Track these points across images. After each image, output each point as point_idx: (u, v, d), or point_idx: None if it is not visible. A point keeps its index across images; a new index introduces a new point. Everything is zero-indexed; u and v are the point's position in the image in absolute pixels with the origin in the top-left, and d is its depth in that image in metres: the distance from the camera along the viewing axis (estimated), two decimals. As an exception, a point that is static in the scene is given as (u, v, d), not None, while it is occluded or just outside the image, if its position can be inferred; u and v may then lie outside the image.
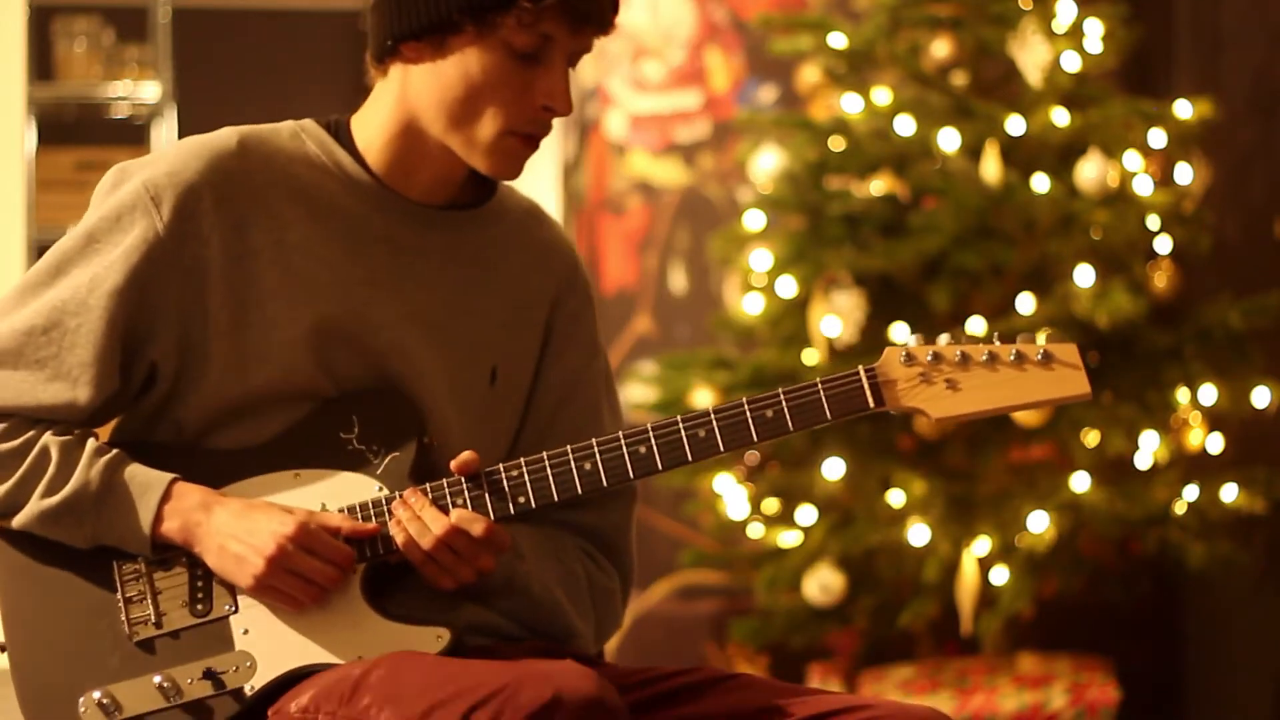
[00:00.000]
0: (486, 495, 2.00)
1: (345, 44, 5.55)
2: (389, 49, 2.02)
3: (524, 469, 1.99)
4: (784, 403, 2.00)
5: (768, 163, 4.43)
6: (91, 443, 2.03)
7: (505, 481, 2.00)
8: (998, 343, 2.00)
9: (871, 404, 1.98)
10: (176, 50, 5.30)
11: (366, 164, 2.08)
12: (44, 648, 2.04)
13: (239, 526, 1.98)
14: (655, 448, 1.99)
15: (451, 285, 2.10)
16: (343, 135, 2.09)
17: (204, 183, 2.01)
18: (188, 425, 2.05)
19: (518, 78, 1.99)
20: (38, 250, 5.04)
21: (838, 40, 4.41)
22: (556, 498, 2.00)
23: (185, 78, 5.32)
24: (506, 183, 2.16)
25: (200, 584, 2.03)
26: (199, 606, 2.03)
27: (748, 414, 1.99)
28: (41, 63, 5.26)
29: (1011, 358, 1.98)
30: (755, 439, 1.99)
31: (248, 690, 2.00)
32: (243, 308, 2.02)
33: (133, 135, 5.42)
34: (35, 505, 2.01)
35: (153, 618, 2.02)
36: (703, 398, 4.38)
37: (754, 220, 4.49)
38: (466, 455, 2.00)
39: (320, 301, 2.03)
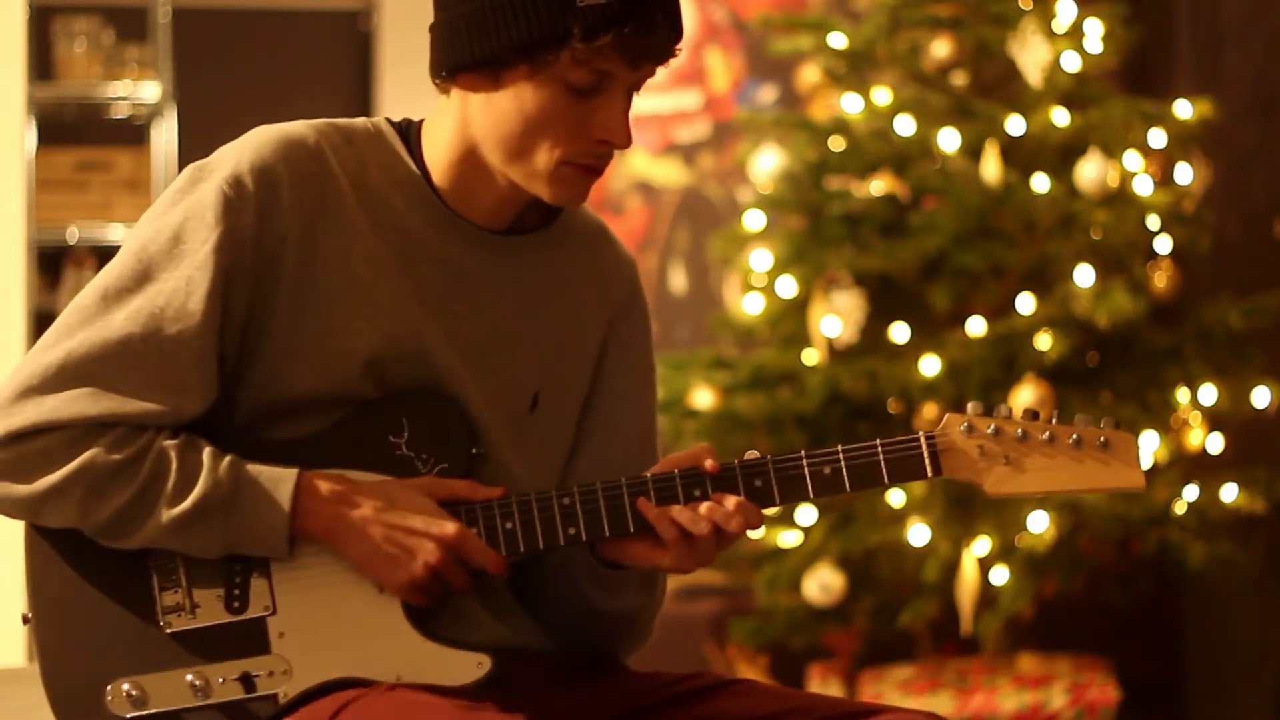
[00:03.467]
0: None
1: (345, 44, 5.55)
2: (444, 76, 1.99)
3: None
4: (843, 462, 1.97)
5: (768, 163, 4.43)
6: (208, 446, 1.98)
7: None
8: (1056, 422, 1.97)
9: (930, 473, 1.96)
10: (176, 50, 5.29)
11: (432, 180, 2.04)
12: (73, 630, 2.00)
13: (393, 523, 1.96)
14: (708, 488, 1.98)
15: (501, 310, 2.06)
16: (413, 144, 2.06)
17: (285, 181, 1.97)
18: (235, 415, 2.00)
19: (574, 112, 1.95)
20: (38, 250, 5.04)
21: (838, 40, 4.41)
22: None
23: (185, 78, 5.31)
24: None
25: (239, 579, 1.98)
26: (235, 604, 1.98)
27: (805, 469, 1.97)
28: (41, 63, 5.25)
29: (1071, 441, 1.96)
30: (811, 495, 1.97)
31: (281, 697, 1.96)
32: (303, 310, 1.98)
33: (133, 135, 5.42)
34: (164, 514, 1.95)
35: (187, 608, 1.98)
36: (703, 398, 4.39)
37: (754, 220, 4.49)
38: (706, 447, 1.99)
39: (382, 317, 1.99)
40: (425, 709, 1.89)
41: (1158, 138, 4.36)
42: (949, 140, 4.26)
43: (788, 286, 4.34)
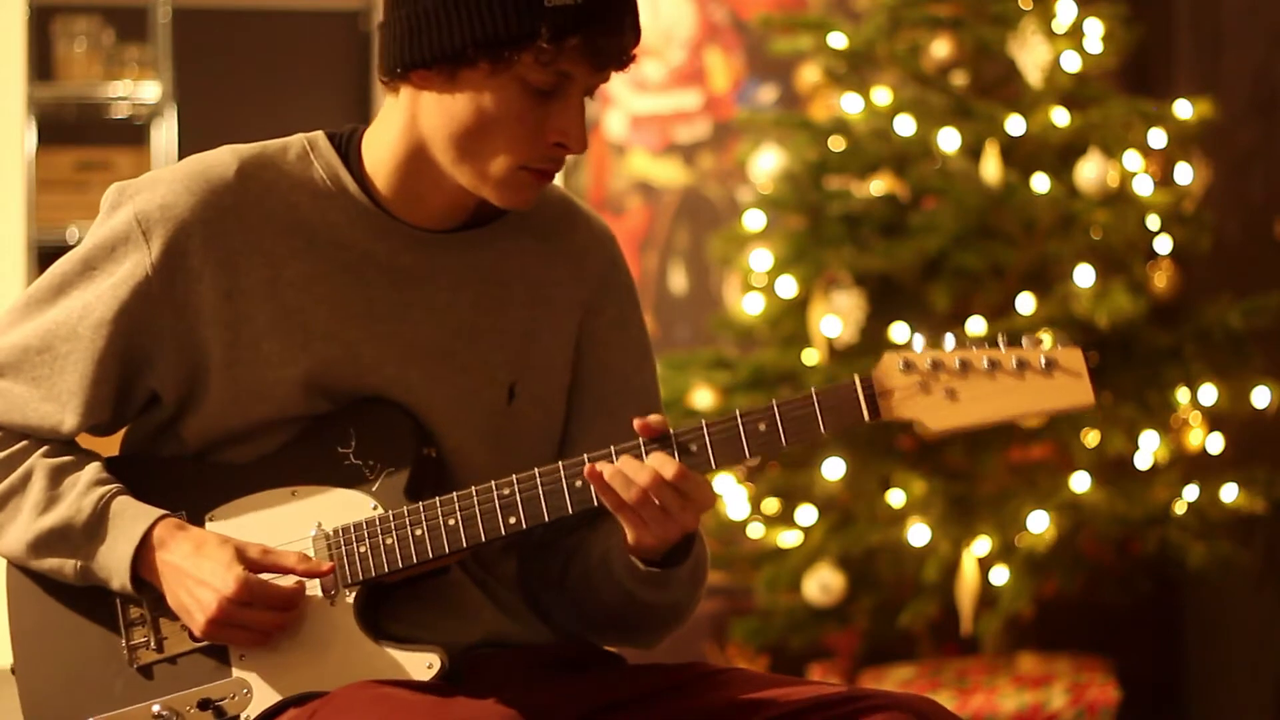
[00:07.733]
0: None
1: (345, 44, 5.55)
2: (398, 74, 1.96)
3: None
4: (778, 416, 1.89)
5: (768, 163, 4.43)
6: (93, 472, 2.02)
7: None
8: (1003, 347, 1.89)
9: (867, 417, 1.89)
10: (176, 50, 5.29)
11: (374, 189, 2.02)
12: (47, 672, 2.03)
13: (188, 569, 1.96)
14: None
15: (463, 308, 2.04)
16: (353, 154, 2.04)
17: (195, 219, 1.98)
18: (190, 443, 2.03)
19: (531, 114, 1.93)
20: (38, 250, 5.04)
21: (838, 40, 4.41)
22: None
23: (185, 78, 5.32)
24: None
25: None
26: None
27: (740, 428, 1.90)
28: (41, 63, 5.26)
29: (1014, 365, 1.87)
30: (747, 455, 1.90)
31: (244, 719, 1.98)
32: (236, 344, 1.99)
33: (133, 135, 5.42)
34: (24, 525, 2.00)
35: (152, 642, 2.01)
36: (703, 398, 4.39)
37: (754, 220, 4.49)
38: (655, 419, 1.91)
39: (314, 341, 2.00)
40: (398, 702, 1.88)
41: (1158, 138, 4.36)
42: (949, 140, 4.26)
43: (788, 286, 4.34)
